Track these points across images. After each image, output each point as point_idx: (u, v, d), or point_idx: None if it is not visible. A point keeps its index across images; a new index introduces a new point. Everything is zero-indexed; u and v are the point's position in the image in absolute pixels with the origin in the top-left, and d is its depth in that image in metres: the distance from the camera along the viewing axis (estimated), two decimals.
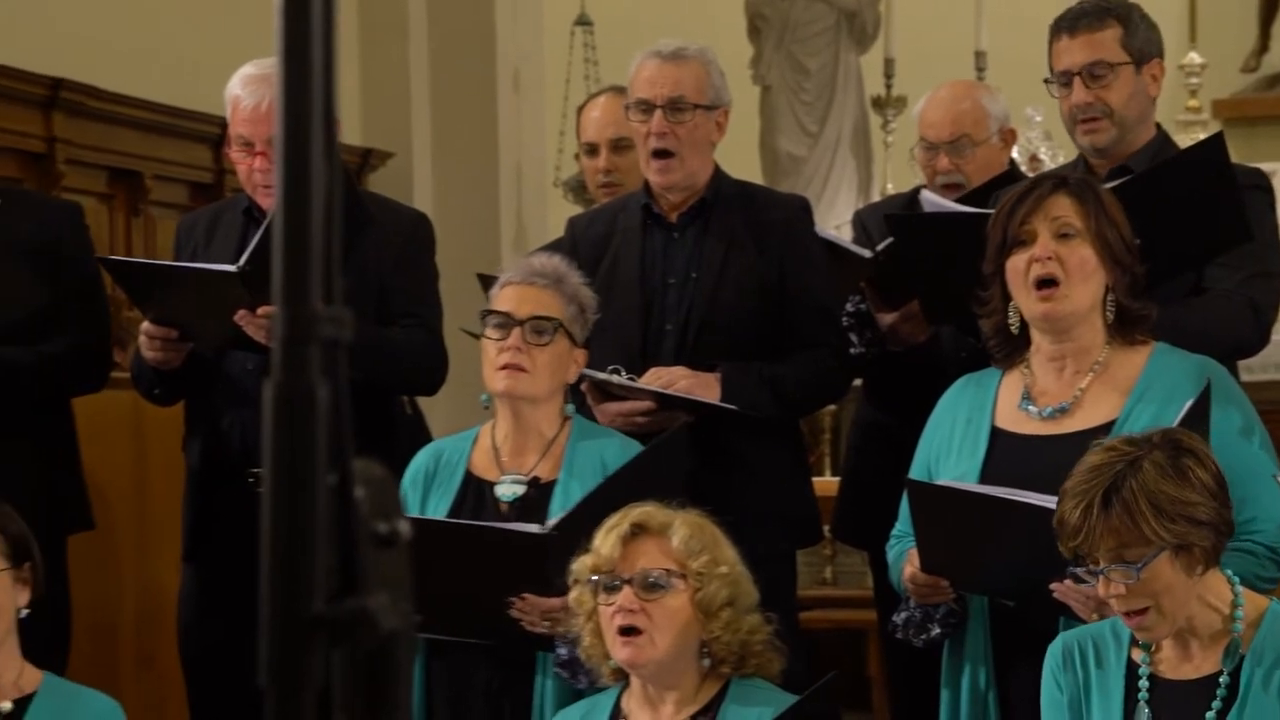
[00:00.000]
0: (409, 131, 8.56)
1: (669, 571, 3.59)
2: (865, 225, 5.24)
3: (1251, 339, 4.35)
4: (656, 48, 4.59)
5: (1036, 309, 3.66)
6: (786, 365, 4.46)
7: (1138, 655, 3.27)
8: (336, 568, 1.27)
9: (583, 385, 4.25)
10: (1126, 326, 3.69)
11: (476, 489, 4.06)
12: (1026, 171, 6.48)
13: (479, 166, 8.71)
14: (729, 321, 4.48)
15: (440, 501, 4.06)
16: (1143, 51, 4.45)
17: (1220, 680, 3.20)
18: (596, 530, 3.65)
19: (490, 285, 4.22)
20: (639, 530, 3.62)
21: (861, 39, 9.41)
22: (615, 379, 4.35)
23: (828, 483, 5.89)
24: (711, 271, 4.50)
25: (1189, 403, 3.50)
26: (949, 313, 4.45)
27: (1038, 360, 3.74)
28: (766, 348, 4.48)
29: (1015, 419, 3.73)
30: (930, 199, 4.82)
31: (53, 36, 6.72)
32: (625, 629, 3.57)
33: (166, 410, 4.87)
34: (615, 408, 4.34)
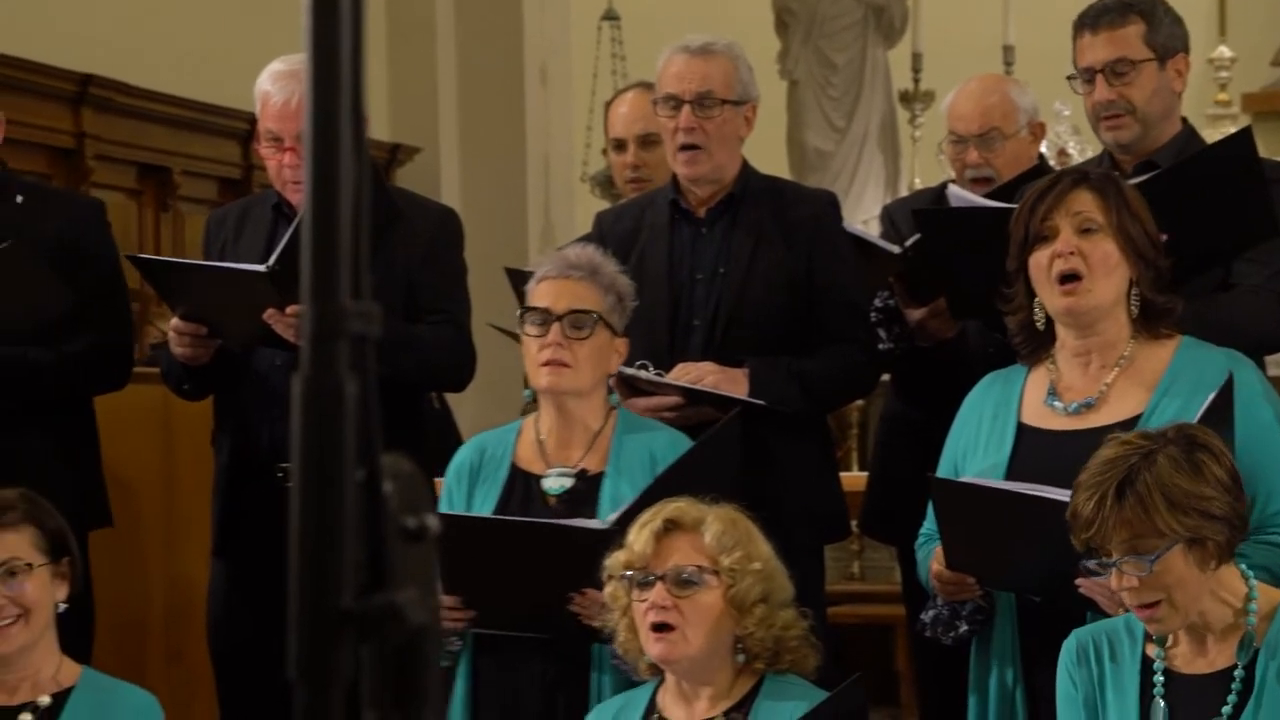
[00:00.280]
0: (437, 127, 8.57)
1: (701, 568, 3.59)
2: (893, 220, 5.24)
3: (1279, 333, 4.34)
4: (684, 42, 4.58)
5: (1060, 304, 3.65)
6: (814, 360, 4.46)
7: (1152, 650, 3.27)
8: (365, 563, 1.27)
9: (611, 380, 4.25)
10: (1151, 320, 3.69)
11: (523, 482, 4.05)
12: (1055, 165, 6.47)
13: (507, 162, 8.72)
14: (757, 317, 4.47)
15: (487, 496, 4.05)
16: (1166, 47, 4.42)
17: (1235, 674, 3.20)
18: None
19: (518, 280, 4.21)
20: (672, 526, 3.62)
21: (889, 33, 9.41)
22: (643, 374, 4.34)
23: (855, 478, 5.87)
24: (739, 266, 4.49)
25: (1211, 395, 3.50)
26: (976, 308, 4.44)
27: (1063, 355, 3.73)
28: (794, 343, 4.47)
29: (1041, 414, 3.72)
30: (957, 194, 4.80)
31: (82, 33, 6.74)
32: (658, 625, 3.57)
33: (195, 405, 4.88)
34: (643, 403, 4.34)
